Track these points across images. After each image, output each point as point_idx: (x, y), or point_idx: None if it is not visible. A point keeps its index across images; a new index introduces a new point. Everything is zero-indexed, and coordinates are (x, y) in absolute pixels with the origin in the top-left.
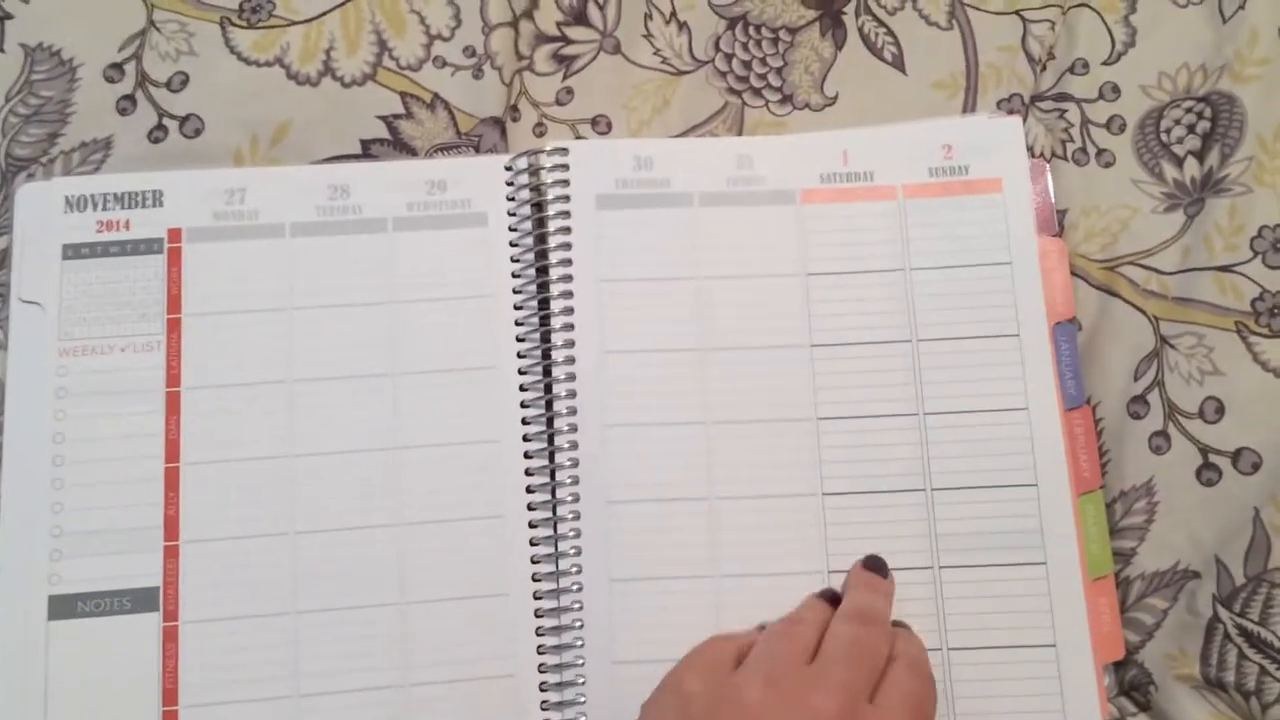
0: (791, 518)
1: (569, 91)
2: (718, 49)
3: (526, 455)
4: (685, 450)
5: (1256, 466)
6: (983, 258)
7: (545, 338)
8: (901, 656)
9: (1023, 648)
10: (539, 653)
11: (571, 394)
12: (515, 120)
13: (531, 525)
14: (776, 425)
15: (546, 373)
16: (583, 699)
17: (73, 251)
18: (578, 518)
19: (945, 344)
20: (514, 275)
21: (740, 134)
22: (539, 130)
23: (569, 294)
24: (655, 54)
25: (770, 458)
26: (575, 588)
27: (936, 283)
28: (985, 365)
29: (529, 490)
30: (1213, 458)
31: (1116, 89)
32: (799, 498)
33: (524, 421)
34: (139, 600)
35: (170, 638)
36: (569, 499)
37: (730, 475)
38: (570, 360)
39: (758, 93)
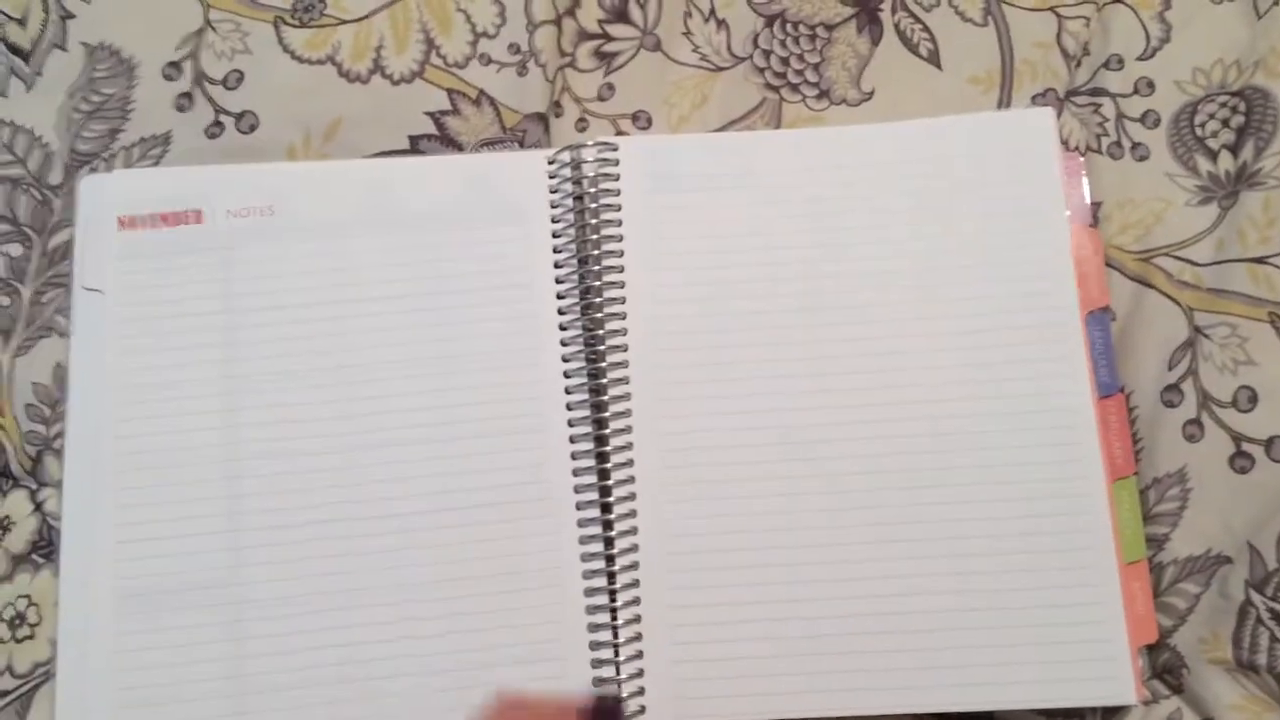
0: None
1: (610, 88)
2: (756, 46)
3: (571, 440)
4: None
5: None
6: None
7: (588, 328)
8: None
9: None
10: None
11: (624, 380)
12: (558, 116)
13: (578, 508)
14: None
15: (590, 360)
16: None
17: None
18: (633, 498)
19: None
20: (556, 266)
21: (778, 129)
22: (581, 125)
23: (619, 284)
24: (695, 51)
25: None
26: (633, 565)
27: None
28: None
29: (575, 474)
30: (1245, 446)
31: (1151, 84)
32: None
33: (568, 408)
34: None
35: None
36: (626, 479)
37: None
38: (623, 348)
39: (795, 88)
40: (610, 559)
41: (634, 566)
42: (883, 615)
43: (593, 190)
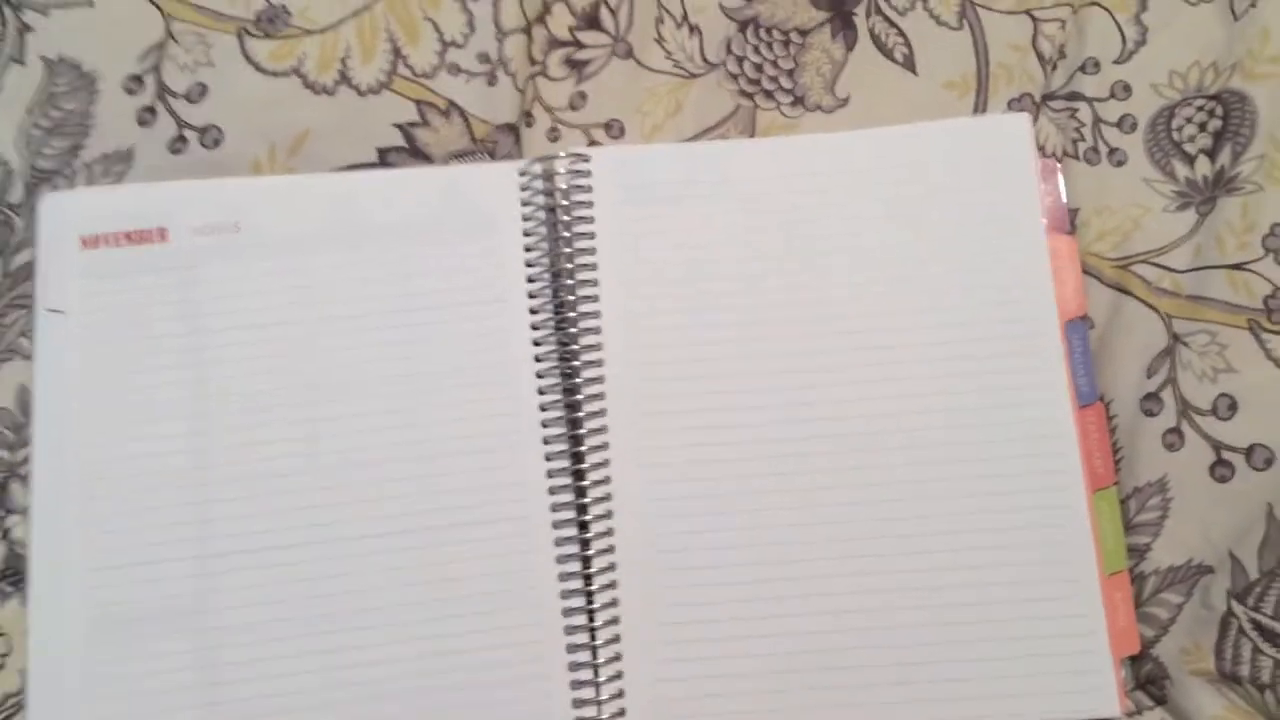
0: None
1: (582, 96)
2: (729, 52)
3: (547, 458)
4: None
5: (1269, 462)
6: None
7: (563, 342)
8: None
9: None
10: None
11: (600, 395)
12: (529, 126)
13: (555, 525)
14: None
15: (565, 375)
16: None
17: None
18: (610, 516)
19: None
20: (529, 280)
21: (753, 136)
22: (553, 135)
23: (594, 298)
24: (667, 57)
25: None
26: (611, 584)
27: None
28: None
29: (551, 492)
30: (1226, 454)
31: (1128, 88)
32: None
33: (543, 425)
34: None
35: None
36: (603, 497)
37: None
38: (599, 363)
39: (769, 95)
40: (588, 577)
41: (612, 585)
42: (863, 630)
43: (565, 202)
